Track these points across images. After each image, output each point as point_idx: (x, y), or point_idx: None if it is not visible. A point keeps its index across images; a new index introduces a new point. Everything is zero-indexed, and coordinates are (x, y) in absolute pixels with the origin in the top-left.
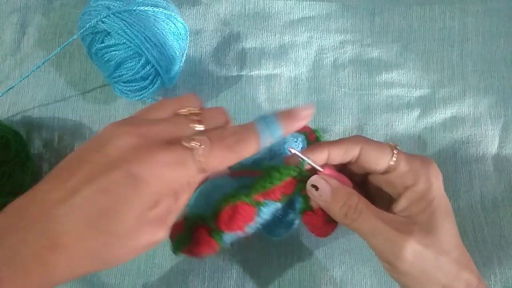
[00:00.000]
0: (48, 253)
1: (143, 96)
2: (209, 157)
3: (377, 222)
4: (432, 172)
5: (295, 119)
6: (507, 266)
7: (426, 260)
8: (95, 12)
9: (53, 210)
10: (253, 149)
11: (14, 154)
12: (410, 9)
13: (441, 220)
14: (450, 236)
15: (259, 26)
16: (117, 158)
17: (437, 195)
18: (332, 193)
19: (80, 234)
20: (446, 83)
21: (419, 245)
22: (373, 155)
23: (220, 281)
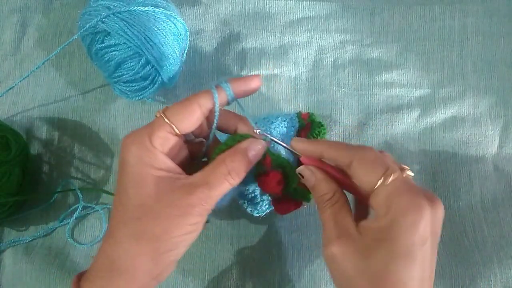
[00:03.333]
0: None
1: (143, 96)
2: (172, 112)
3: (328, 220)
4: (408, 218)
5: (242, 80)
6: (507, 266)
7: (343, 271)
8: (95, 12)
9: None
10: (205, 97)
11: (14, 154)
12: (410, 9)
13: (388, 258)
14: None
15: (259, 26)
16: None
17: (398, 238)
18: (313, 185)
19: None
20: (446, 83)
21: (340, 253)
22: (359, 174)
23: (220, 281)
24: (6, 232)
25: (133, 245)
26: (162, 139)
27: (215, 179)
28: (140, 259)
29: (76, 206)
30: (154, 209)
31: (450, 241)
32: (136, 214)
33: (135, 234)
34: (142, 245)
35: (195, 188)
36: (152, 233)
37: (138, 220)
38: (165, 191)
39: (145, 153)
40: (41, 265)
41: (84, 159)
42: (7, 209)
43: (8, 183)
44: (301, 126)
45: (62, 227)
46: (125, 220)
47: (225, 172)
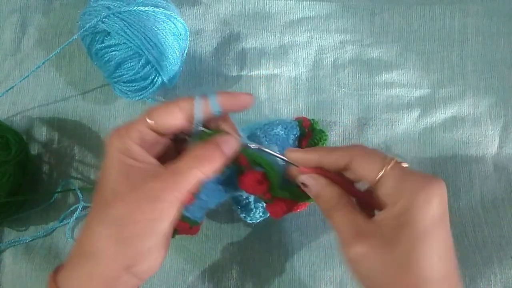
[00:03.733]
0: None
1: (143, 96)
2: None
3: (342, 222)
4: (419, 198)
5: (231, 96)
6: (507, 266)
7: (372, 268)
8: (95, 12)
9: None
10: (186, 102)
11: (14, 154)
12: (410, 9)
13: (410, 242)
14: (420, 260)
15: (259, 26)
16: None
17: (417, 220)
18: (317, 192)
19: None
20: (446, 83)
21: (366, 251)
22: (361, 168)
23: (220, 281)
24: (6, 232)
25: (97, 227)
26: (140, 132)
27: (184, 164)
28: (104, 241)
29: (76, 206)
30: (120, 193)
31: None
32: (105, 198)
33: (100, 217)
34: (105, 227)
35: (163, 173)
36: (115, 215)
37: (105, 204)
38: (135, 178)
39: (121, 143)
40: (41, 265)
41: (84, 159)
42: (7, 209)
43: (8, 183)
44: (302, 134)
45: (62, 227)
46: (95, 205)
47: (194, 158)
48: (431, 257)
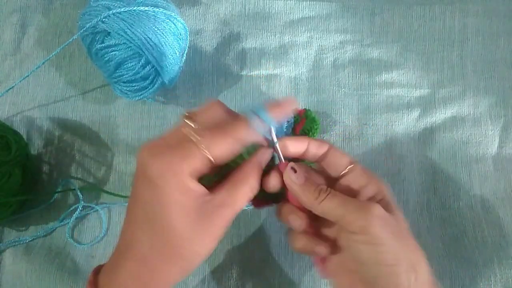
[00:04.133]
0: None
1: (143, 96)
2: (210, 144)
3: (345, 197)
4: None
5: (280, 106)
6: (507, 266)
7: (393, 226)
8: (95, 12)
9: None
10: (245, 131)
11: (14, 154)
12: (410, 9)
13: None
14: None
15: (259, 26)
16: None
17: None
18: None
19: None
20: (446, 83)
21: (383, 211)
22: (338, 158)
23: (220, 281)
24: (6, 232)
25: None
26: (198, 166)
27: (240, 199)
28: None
29: (76, 206)
30: (181, 231)
31: (450, 241)
32: (169, 241)
33: (165, 257)
34: (170, 266)
35: (222, 208)
36: (178, 254)
37: (167, 242)
38: (193, 214)
39: (178, 181)
40: (41, 265)
41: (84, 159)
42: (7, 209)
43: (8, 183)
44: (296, 121)
45: (62, 227)
46: (152, 241)
47: (248, 192)
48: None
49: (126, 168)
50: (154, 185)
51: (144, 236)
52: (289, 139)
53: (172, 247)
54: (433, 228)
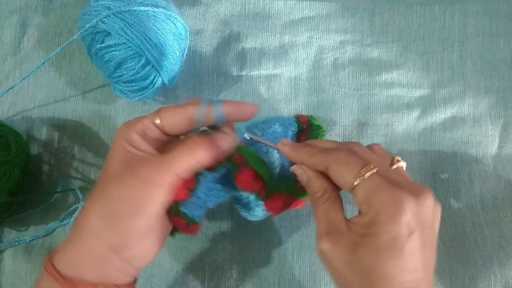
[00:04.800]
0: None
1: (143, 96)
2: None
3: (320, 217)
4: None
5: (235, 105)
6: (507, 266)
7: (338, 259)
8: (95, 12)
9: None
10: (193, 107)
11: (14, 154)
12: (410, 9)
13: (371, 250)
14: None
15: (259, 26)
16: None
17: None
18: (305, 183)
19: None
20: (446, 83)
21: (336, 244)
22: (335, 177)
23: (220, 281)
24: (6, 232)
25: (90, 206)
26: (145, 125)
27: (177, 150)
28: (93, 219)
29: (76, 206)
30: (116, 176)
31: (450, 241)
32: (102, 181)
33: (94, 197)
34: (96, 206)
35: (156, 159)
36: (106, 196)
37: (101, 185)
38: (132, 163)
39: (126, 132)
40: (41, 265)
41: (84, 159)
42: (7, 209)
43: (8, 183)
44: (300, 130)
45: (62, 227)
46: (95, 188)
47: (187, 145)
48: (394, 267)
49: None
50: (111, 147)
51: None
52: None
53: (101, 184)
54: None
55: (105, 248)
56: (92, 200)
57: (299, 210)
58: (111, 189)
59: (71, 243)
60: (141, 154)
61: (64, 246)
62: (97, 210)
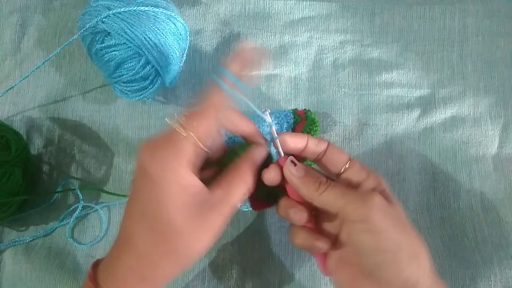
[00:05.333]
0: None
1: (143, 96)
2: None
3: (345, 187)
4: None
5: (237, 57)
6: (507, 266)
7: (393, 214)
8: (95, 12)
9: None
10: (218, 96)
11: (14, 154)
12: (410, 9)
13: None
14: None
15: (259, 26)
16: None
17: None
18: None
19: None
20: (446, 83)
21: (384, 200)
22: (336, 155)
23: (220, 281)
24: (6, 232)
25: (161, 261)
26: (192, 161)
27: (236, 196)
28: (169, 275)
29: (76, 206)
30: (181, 227)
31: (450, 241)
32: (160, 230)
33: (162, 252)
34: (170, 266)
35: (218, 204)
36: (180, 252)
37: (164, 237)
38: (190, 208)
39: (174, 174)
40: (41, 265)
41: (84, 159)
42: (7, 209)
43: (8, 183)
44: (295, 122)
45: (62, 227)
46: (150, 237)
47: (244, 188)
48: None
49: (126, 168)
50: (152, 180)
51: (142, 232)
52: (288, 135)
53: (169, 242)
54: (433, 228)
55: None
56: (160, 254)
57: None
58: (184, 248)
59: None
60: (199, 196)
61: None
62: (170, 269)
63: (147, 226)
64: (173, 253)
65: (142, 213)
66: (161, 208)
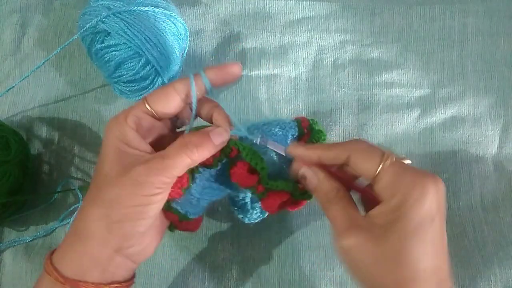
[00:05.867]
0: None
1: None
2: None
3: (336, 215)
4: (414, 193)
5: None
6: (507, 266)
7: (360, 260)
8: (95, 12)
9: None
10: (181, 83)
11: (14, 154)
12: (410, 9)
13: (402, 235)
14: (412, 253)
15: (259, 26)
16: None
17: (410, 214)
18: (316, 185)
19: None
20: (446, 83)
21: (354, 244)
22: (359, 164)
23: (220, 281)
24: (6, 232)
25: (89, 209)
26: (137, 117)
27: (172, 150)
28: (94, 223)
29: (76, 206)
30: (112, 178)
31: (450, 241)
32: (98, 182)
33: (92, 199)
34: (96, 210)
35: (151, 158)
36: (105, 199)
37: (98, 187)
38: (126, 163)
39: (118, 128)
40: (41, 265)
41: (84, 159)
42: (7, 209)
43: (8, 183)
44: (300, 134)
45: (62, 227)
46: (90, 189)
47: (182, 143)
48: (421, 252)
49: None
50: (103, 145)
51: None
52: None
53: (97, 186)
54: None
55: (109, 250)
56: (90, 203)
57: (299, 210)
58: (108, 193)
59: (73, 246)
60: (136, 153)
61: (65, 249)
62: (96, 214)
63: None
64: (103, 203)
65: (92, 178)
66: (101, 165)
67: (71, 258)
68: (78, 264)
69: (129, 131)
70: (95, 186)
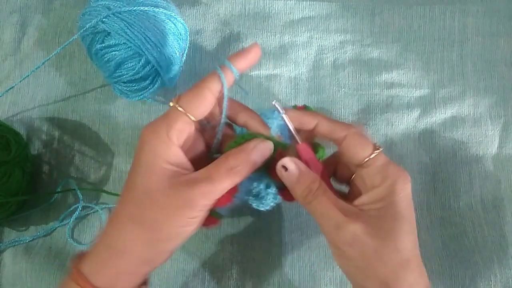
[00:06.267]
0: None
1: (143, 96)
2: (184, 102)
3: (329, 206)
4: (400, 181)
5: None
6: (507, 266)
7: (367, 246)
8: (95, 12)
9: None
10: (213, 80)
11: (14, 154)
12: (410, 9)
13: (395, 222)
14: (403, 239)
15: (259, 26)
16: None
17: (398, 202)
18: (298, 177)
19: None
20: (446, 83)
21: (360, 231)
22: (354, 146)
23: (220, 281)
24: (6, 232)
25: (131, 228)
26: (179, 131)
27: (217, 175)
28: (135, 242)
29: (76, 206)
30: (157, 198)
31: (450, 241)
32: (139, 200)
33: (135, 218)
34: (137, 229)
35: (198, 182)
36: (152, 220)
37: (140, 206)
38: (171, 184)
39: (160, 145)
40: (41, 265)
41: (84, 159)
42: (7, 209)
43: (8, 183)
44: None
45: (62, 227)
46: (128, 205)
47: (227, 168)
48: (411, 239)
49: (126, 168)
50: (137, 149)
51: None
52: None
53: (135, 203)
54: (433, 228)
55: (144, 267)
56: (129, 220)
57: (299, 210)
58: (154, 213)
59: (108, 261)
60: (178, 170)
61: (98, 262)
62: (137, 234)
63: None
64: (148, 224)
65: (126, 186)
66: (140, 180)
67: (106, 274)
68: (113, 279)
69: (175, 150)
70: (132, 202)
